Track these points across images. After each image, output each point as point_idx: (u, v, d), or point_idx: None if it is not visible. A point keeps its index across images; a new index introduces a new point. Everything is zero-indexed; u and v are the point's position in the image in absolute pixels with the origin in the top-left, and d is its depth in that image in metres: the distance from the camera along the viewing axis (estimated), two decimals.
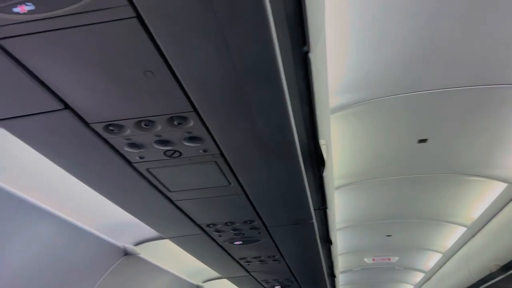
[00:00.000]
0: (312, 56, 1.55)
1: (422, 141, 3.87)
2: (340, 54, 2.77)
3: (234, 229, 3.02)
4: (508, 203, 4.70)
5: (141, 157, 1.91)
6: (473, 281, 5.95)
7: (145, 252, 3.57)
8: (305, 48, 1.52)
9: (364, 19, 2.53)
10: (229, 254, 3.65)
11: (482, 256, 5.40)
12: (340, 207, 5.53)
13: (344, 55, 2.80)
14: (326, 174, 2.65)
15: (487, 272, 5.29)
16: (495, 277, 5.31)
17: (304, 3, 1.33)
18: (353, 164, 4.36)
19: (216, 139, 1.78)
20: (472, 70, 2.95)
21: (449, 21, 2.54)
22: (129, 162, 1.96)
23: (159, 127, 1.67)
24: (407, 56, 2.84)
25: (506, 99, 3.22)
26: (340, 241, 7.03)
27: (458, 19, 2.52)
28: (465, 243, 6.33)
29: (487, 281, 5.61)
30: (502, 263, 4.85)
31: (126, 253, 3.29)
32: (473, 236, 5.97)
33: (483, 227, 5.57)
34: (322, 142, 2.29)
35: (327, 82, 2.06)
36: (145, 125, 1.65)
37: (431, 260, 8.22)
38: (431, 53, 2.81)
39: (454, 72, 2.98)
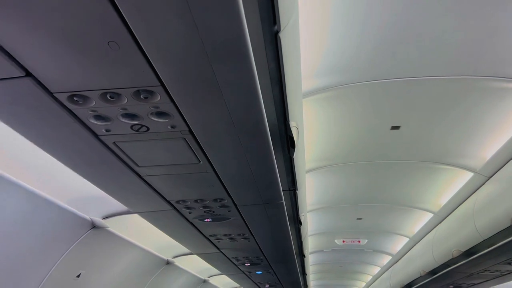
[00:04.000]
0: (282, 36, 1.53)
1: (395, 128, 3.93)
2: (318, 38, 2.76)
3: (204, 207, 3.03)
4: (473, 192, 4.85)
5: (107, 130, 1.88)
6: (437, 265, 6.15)
7: (114, 226, 3.56)
8: (276, 28, 1.50)
9: (343, 5, 2.52)
10: (199, 230, 3.67)
11: (446, 241, 5.59)
12: (313, 189, 5.60)
13: (322, 40, 2.79)
14: (296, 156, 2.66)
15: (450, 257, 5.49)
16: (457, 262, 5.52)
17: None
18: (327, 147, 4.40)
19: (184, 116, 1.75)
20: (447, 59, 2.99)
21: (429, 8, 2.54)
22: (95, 135, 1.92)
23: (125, 100, 1.63)
24: (385, 42, 2.85)
25: (478, 90, 3.28)
26: (312, 222, 7.16)
27: (438, 6, 2.52)
28: (432, 229, 6.54)
29: (450, 266, 5.82)
30: (464, 249, 5.04)
31: (94, 225, 3.27)
32: (440, 222, 6.16)
33: (449, 214, 5.75)
34: (292, 123, 2.29)
35: (299, 64, 2.05)
36: (111, 97, 1.61)
37: (399, 243, 8.47)
38: (408, 41, 2.83)
39: (429, 60, 3.01)
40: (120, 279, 4.33)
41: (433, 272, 6.49)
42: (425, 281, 7.15)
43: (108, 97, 1.61)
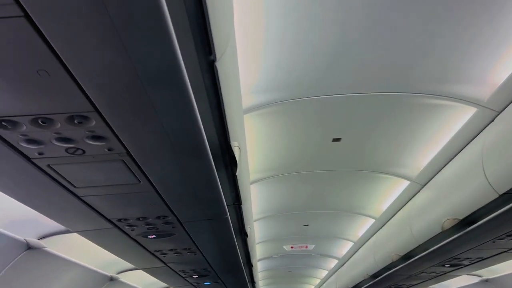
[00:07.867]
0: (219, 65, 1.55)
1: (336, 140, 4.09)
2: (256, 55, 2.82)
3: (147, 224, 2.97)
4: (410, 199, 5.13)
5: (40, 153, 1.81)
6: (378, 269, 6.44)
7: (52, 245, 3.40)
8: (211, 57, 1.53)
9: (281, 23, 2.59)
10: (143, 247, 3.59)
11: (386, 246, 5.86)
12: (259, 198, 5.67)
13: (261, 57, 2.85)
14: (239, 172, 2.70)
15: (389, 261, 5.76)
16: (396, 266, 5.80)
17: (207, 15, 1.33)
18: (272, 158, 4.49)
19: (121, 139, 1.73)
20: (381, 77, 3.16)
21: (361, 31, 2.69)
22: (27, 158, 1.84)
23: (58, 125, 1.58)
24: (322, 61, 2.96)
25: (410, 106, 3.50)
26: (259, 230, 7.24)
27: (370, 29, 2.67)
28: (373, 234, 6.83)
29: (390, 269, 6.11)
30: (402, 253, 5.31)
31: (29, 247, 3.10)
32: (380, 227, 6.46)
33: (388, 220, 6.04)
34: (234, 143, 2.32)
35: (239, 87, 2.08)
36: (43, 122, 1.56)
37: (344, 248, 8.76)
38: (344, 59, 2.96)
39: (365, 78, 3.17)
40: None
41: (375, 275, 6.77)
42: (368, 284, 7.44)
43: (40, 122, 1.56)
